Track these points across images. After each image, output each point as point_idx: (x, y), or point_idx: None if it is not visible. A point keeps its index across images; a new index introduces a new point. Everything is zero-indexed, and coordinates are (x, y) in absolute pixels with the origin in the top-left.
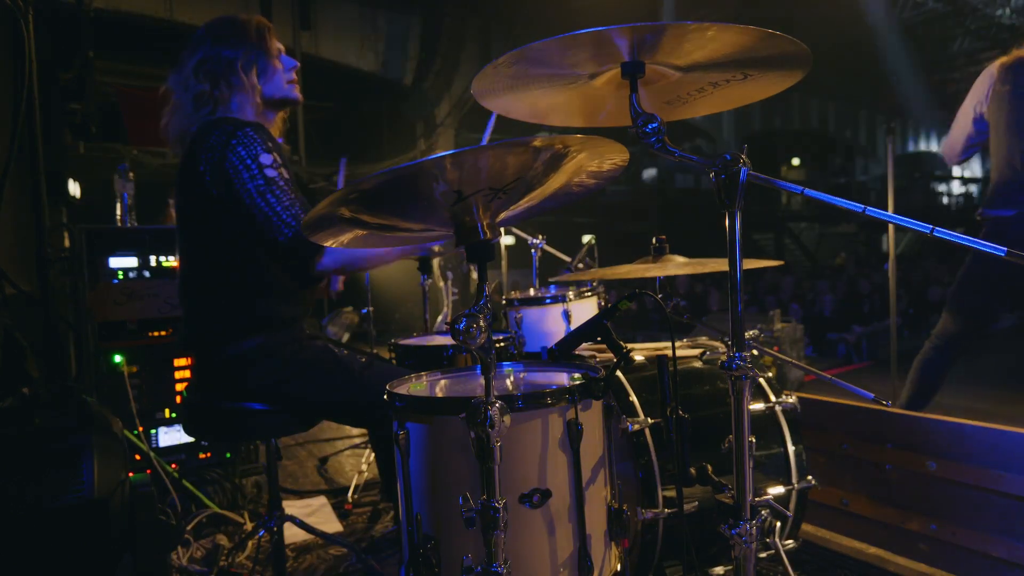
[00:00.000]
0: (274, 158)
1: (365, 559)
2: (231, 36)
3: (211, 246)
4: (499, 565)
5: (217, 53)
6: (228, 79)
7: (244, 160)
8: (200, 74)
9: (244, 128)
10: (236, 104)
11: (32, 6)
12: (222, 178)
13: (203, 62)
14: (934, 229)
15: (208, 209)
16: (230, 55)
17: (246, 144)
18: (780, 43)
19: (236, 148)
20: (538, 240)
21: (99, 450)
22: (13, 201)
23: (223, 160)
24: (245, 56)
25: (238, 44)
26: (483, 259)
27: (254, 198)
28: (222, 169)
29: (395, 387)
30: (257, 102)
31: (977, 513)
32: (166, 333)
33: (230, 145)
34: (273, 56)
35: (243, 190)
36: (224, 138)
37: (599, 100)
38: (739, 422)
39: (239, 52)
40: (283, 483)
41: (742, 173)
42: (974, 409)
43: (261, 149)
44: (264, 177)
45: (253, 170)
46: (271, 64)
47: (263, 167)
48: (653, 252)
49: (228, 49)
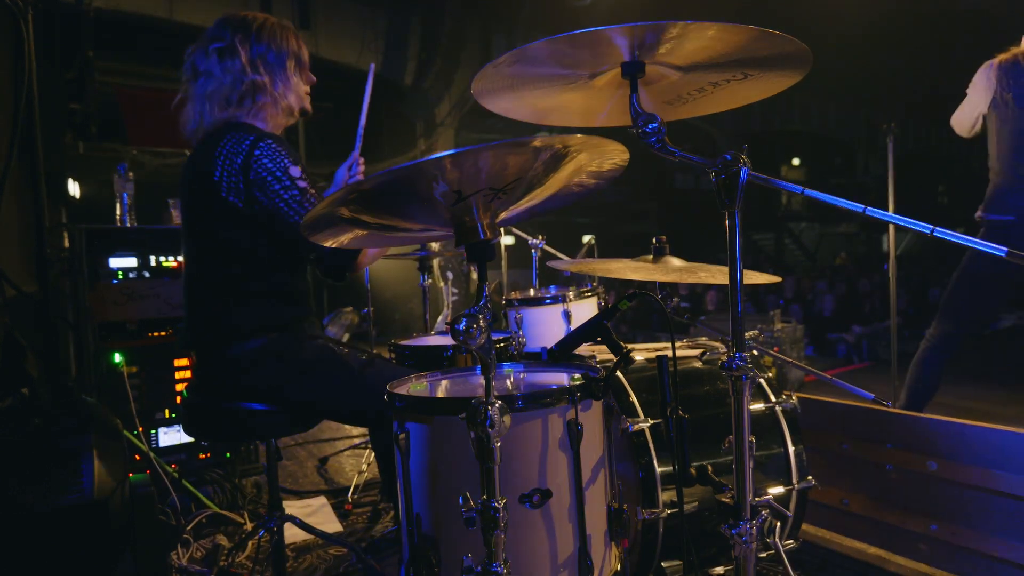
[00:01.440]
0: (302, 170)
1: (365, 559)
2: (277, 36)
3: (218, 248)
4: (499, 565)
5: (266, 49)
6: (276, 77)
7: (274, 172)
8: (250, 64)
9: (266, 139)
10: (262, 106)
11: (32, 6)
12: (242, 186)
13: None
14: (934, 229)
15: (219, 213)
16: (278, 53)
17: (271, 156)
18: (780, 43)
19: (261, 159)
20: (538, 240)
21: (99, 450)
22: (13, 201)
23: (246, 169)
24: (293, 58)
25: (284, 45)
26: (483, 259)
27: (292, 207)
28: (244, 178)
29: (395, 387)
30: (291, 104)
31: (977, 513)
32: (166, 333)
33: (253, 155)
34: (307, 66)
35: (277, 199)
36: (245, 146)
37: (599, 100)
38: (739, 422)
39: (287, 52)
40: (283, 483)
41: (742, 173)
42: (974, 409)
43: (289, 161)
44: (297, 188)
45: (285, 182)
46: (305, 73)
47: (295, 179)
48: (653, 252)
49: (275, 47)
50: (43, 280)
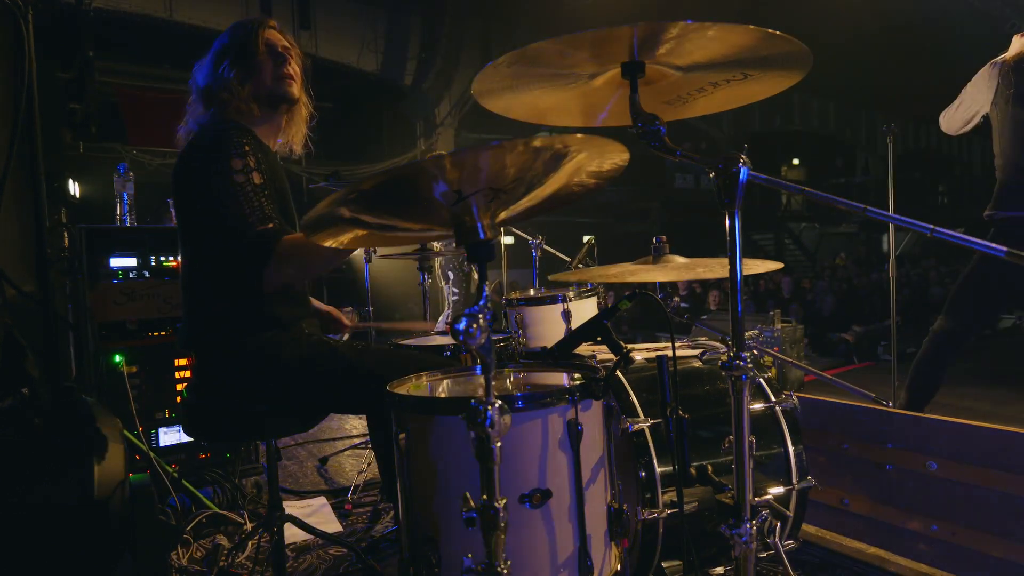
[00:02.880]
0: (245, 163)
1: (365, 559)
2: (226, 35)
3: (213, 248)
4: (499, 565)
5: (211, 56)
6: (210, 79)
7: (218, 162)
8: (199, 75)
9: (227, 131)
10: (225, 105)
11: (32, 6)
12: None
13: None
14: (934, 229)
15: (207, 212)
16: (215, 55)
17: (219, 148)
18: (780, 43)
19: (212, 152)
20: (538, 240)
21: (99, 450)
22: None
23: (207, 163)
24: (229, 55)
25: (224, 44)
26: (483, 259)
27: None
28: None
29: (395, 387)
30: (243, 103)
31: (977, 513)
32: (166, 333)
33: (213, 148)
34: (258, 52)
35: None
36: (208, 142)
37: (599, 100)
38: (739, 422)
39: (222, 51)
40: (283, 483)
41: (742, 173)
42: (974, 409)
43: (233, 152)
44: (234, 183)
45: (225, 175)
46: (254, 61)
47: (233, 172)
48: (653, 252)
49: (217, 50)
50: (43, 280)
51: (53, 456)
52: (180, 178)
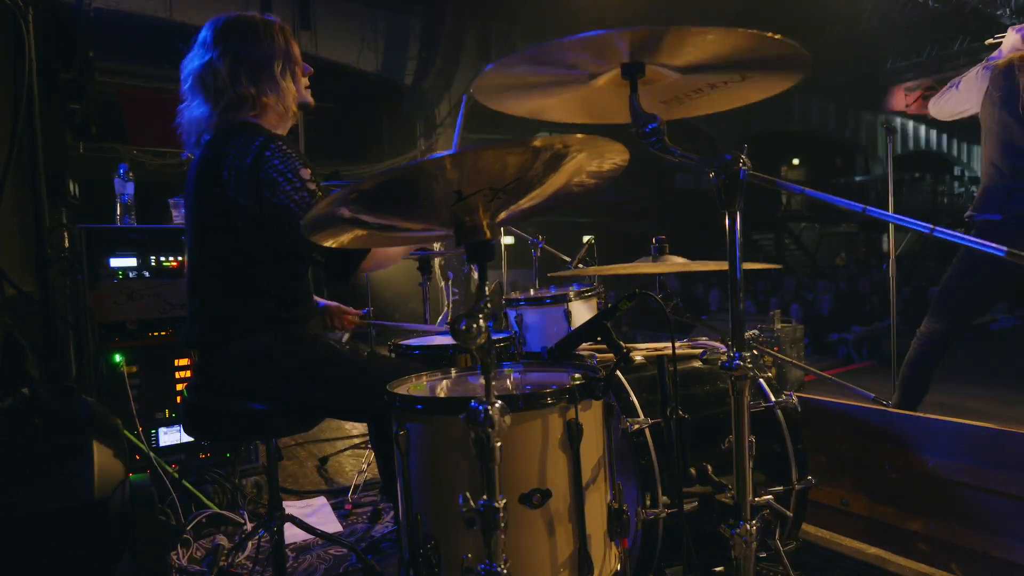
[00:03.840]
0: (311, 173)
1: (365, 559)
2: (261, 37)
3: (224, 248)
4: (499, 565)
5: (250, 53)
6: (262, 81)
7: (284, 173)
8: (230, 73)
9: (276, 140)
10: (263, 107)
11: (32, 6)
12: (250, 186)
13: (235, 61)
14: (934, 229)
15: (225, 212)
16: (263, 56)
17: (282, 157)
18: (778, 46)
19: (272, 160)
20: (538, 240)
21: (99, 450)
22: (13, 201)
23: (256, 169)
24: (280, 58)
25: (271, 45)
26: (483, 259)
27: (303, 209)
28: (254, 178)
29: (395, 387)
30: (287, 106)
31: (977, 513)
32: (166, 333)
33: (264, 156)
34: (299, 61)
35: (287, 200)
36: (255, 147)
37: (599, 100)
38: (739, 422)
39: (273, 53)
40: (283, 483)
41: (742, 173)
42: (974, 409)
43: (299, 163)
44: (307, 190)
45: (296, 183)
46: (297, 68)
47: (305, 181)
48: (653, 252)
49: (260, 50)
50: (43, 280)
51: (53, 456)
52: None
